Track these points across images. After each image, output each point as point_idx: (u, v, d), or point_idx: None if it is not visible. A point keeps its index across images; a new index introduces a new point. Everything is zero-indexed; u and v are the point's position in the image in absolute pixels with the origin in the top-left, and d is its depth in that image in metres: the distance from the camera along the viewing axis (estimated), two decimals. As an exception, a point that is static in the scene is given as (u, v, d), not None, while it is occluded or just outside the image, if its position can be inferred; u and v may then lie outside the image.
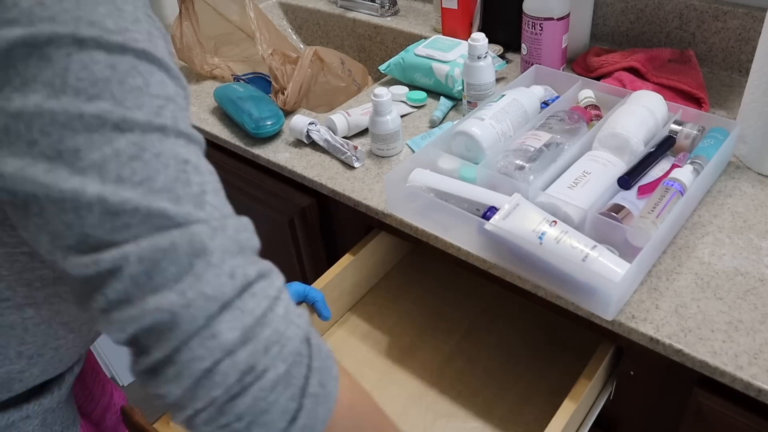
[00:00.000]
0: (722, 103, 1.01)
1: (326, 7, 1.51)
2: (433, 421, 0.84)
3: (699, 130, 0.86)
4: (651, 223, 0.72)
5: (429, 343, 0.94)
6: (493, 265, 0.78)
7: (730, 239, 0.77)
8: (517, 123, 0.91)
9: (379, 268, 1.03)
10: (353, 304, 1.00)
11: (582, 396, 0.72)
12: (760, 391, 0.61)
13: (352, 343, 0.95)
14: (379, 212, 0.89)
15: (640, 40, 1.16)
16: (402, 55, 1.15)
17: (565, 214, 0.76)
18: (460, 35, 1.23)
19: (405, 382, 0.89)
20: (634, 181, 0.80)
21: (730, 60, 1.08)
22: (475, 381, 0.88)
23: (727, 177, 0.87)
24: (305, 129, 1.01)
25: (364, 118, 1.03)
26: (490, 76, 0.99)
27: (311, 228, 1.06)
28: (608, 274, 0.68)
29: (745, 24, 1.03)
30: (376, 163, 0.98)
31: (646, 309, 0.70)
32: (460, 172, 0.86)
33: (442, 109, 1.07)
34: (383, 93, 0.93)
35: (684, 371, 0.69)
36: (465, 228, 0.79)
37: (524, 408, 0.84)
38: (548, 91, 1.02)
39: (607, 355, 0.77)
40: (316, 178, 0.96)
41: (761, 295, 0.70)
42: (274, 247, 1.20)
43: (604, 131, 0.85)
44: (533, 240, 0.71)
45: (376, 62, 1.45)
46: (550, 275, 0.72)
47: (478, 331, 0.96)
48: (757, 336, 0.65)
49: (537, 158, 0.83)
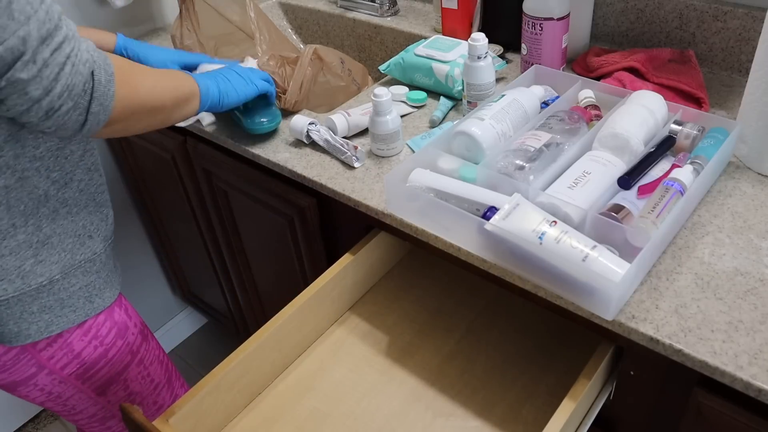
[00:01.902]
0: (722, 103, 1.01)
1: (326, 7, 1.51)
2: (432, 420, 0.84)
3: (699, 130, 0.86)
4: (651, 223, 0.72)
5: (429, 343, 0.94)
6: (493, 265, 0.78)
7: (730, 239, 0.77)
8: (517, 123, 0.91)
9: (378, 267, 1.03)
10: (353, 304, 1.00)
11: (581, 395, 0.72)
12: (760, 391, 0.61)
13: (351, 343, 0.95)
14: (379, 212, 0.89)
15: (640, 40, 1.16)
16: (402, 55, 1.15)
17: (565, 214, 0.76)
18: (460, 35, 1.23)
19: (404, 381, 0.89)
20: (634, 181, 0.80)
21: (730, 60, 1.08)
22: (474, 380, 0.88)
23: (727, 177, 0.87)
24: (305, 129, 1.01)
25: (364, 118, 1.03)
26: (490, 76, 0.99)
27: (311, 228, 1.06)
28: (608, 274, 0.68)
29: (745, 24, 1.03)
30: (376, 163, 0.98)
31: (646, 309, 0.70)
32: (460, 172, 0.86)
33: (442, 109, 1.07)
34: (383, 93, 0.93)
35: (684, 371, 0.69)
36: (465, 228, 0.79)
37: (523, 407, 0.84)
38: (548, 91, 1.02)
39: (607, 354, 0.77)
40: (316, 178, 0.96)
41: (761, 295, 0.70)
42: (274, 246, 1.20)
43: (604, 131, 0.85)
44: (533, 240, 0.71)
45: (376, 62, 1.45)
46: (550, 275, 0.72)
47: (478, 330, 0.96)
48: (757, 336, 0.65)
49: (537, 158, 0.83)
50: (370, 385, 0.89)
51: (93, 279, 0.84)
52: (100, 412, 0.95)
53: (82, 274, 0.83)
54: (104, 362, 0.90)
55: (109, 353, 0.90)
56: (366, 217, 0.94)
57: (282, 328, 0.86)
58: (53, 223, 0.78)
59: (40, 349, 0.83)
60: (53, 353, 0.84)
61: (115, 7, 1.38)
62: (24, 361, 0.83)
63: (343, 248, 1.07)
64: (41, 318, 0.80)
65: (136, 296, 1.81)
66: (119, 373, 0.93)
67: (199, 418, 0.80)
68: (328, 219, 1.06)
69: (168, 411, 0.76)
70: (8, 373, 0.84)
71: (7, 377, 0.85)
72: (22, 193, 0.74)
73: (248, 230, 1.26)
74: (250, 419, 0.86)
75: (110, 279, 0.89)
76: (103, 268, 0.87)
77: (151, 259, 1.82)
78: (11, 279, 0.76)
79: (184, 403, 0.77)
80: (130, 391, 0.96)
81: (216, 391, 0.80)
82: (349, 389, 0.89)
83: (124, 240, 1.72)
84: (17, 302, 0.78)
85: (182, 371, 1.91)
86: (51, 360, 0.85)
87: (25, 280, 0.77)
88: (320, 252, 1.10)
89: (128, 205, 1.69)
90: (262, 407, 0.88)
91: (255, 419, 0.86)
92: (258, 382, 0.88)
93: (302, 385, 0.90)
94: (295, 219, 1.08)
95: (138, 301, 1.82)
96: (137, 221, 1.74)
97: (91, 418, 0.96)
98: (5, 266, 0.75)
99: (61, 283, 0.80)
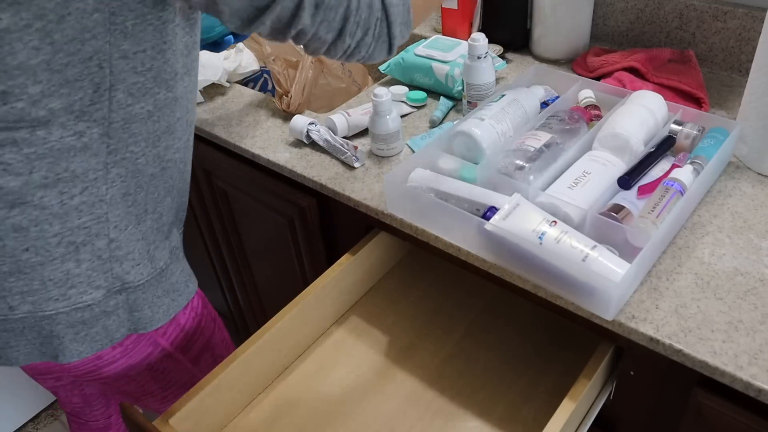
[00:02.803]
0: (722, 103, 1.01)
1: (326, 7, 1.51)
2: (431, 420, 0.84)
3: (699, 130, 0.86)
4: (651, 223, 0.72)
5: (428, 343, 0.94)
6: (493, 265, 0.78)
7: (730, 239, 0.77)
8: (517, 123, 0.91)
9: (378, 268, 1.03)
10: (353, 304, 1.00)
11: (581, 395, 0.72)
12: (760, 391, 0.61)
13: (351, 343, 0.95)
14: (379, 212, 0.89)
15: (640, 40, 1.16)
16: (402, 55, 1.15)
17: (565, 214, 0.76)
18: (460, 35, 1.23)
19: (404, 381, 0.89)
20: (634, 181, 0.80)
21: (730, 60, 1.08)
22: (474, 380, 0.88)
23: (727, 177, 0.87)
24: (305, 129, 1.01)
25: (364, 118, 1.03)
26: (490, 76, 0.99)
27: (311, 228, 1.06)
28: (608, 274, 0.68)
29: (745, 24, 1.03)
30: (376, 163, 0.98)
31: (646, 309, 0.70)
32: (460, 172, 0.86)
33: (442, 109, 1.07)
34: (383, 93, 0.93)
35: (684, 371, 0.69)
36: (465, 228, 0.79)
37: (523, 407, 0.84)
38: (548, 91, 1.02)
39: (607, 354, 0.77)
40: (316, 178, 0.96)
41: (761, 295, 0.70)
42: (274, 247, 1.20)
43: (604, 131, 0.85)
44: (533, 240, 0.71)
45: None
46: (550, 275, 0.72)
47: (478, 330, 0.96)
48: (757, 336, 0.65)
49: (537, 158, 0.83)
50: (370, 385, 0.89)
51: (184, 264, 0.87)
52: (189, 381, 0.96)
53: (178, 260, 0.85)
54: (199, 331, 0.92)
55: (202, 322, 0.92)
56: (366, 217, 0.94)
57: (282, 328, 0.87)
58: (169, 210, 0.81)
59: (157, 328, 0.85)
60: (165, 329, 0.86)
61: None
62: (143, 343, 0.85)
63: (343, 248, 1.07)
64: (164, 302, 0.82)
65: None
66: (209, 339, 0.94)
67: (199, 418, 0.80)
68: (328, 219, 1.06)
69: (168, 411, 0.76)
70: (127, 357, 0.85)
71: (126, 361, 0.85)
72: (160, 182, 0.76)
73: (248, 230, 1.26)
74: (250, 419, 0.86)
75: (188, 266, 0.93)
76: (184, 258, 0.90)
77: (151, 259, 1.82)
78: (145, 263, 0.78)
79: (184, 403, 0.77)
80: (216, 355, 0.97)
81: (216, 391, 0.81)
82: (349, 389, 0.89)
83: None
84: (150, 286, 0.79)
85: (182, 371, 1.92)
86: (164, 336, 0.86)
87: (153, 264, 0.79)
88: (320, 252, 1.10)
89: (128, 205, 1.69)
90: (262, 407, 0.88)
91: (255, 419, 0.86)
92: (258, 382, 0.88)
93: (302, 385, 0.90)
94: (295, 219, 1.08)
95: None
96: (137, 221, 1.73)
97: (180, 389, 0.96)
98: (140, 250, 0.77)
99: (171, 267, 0.82)
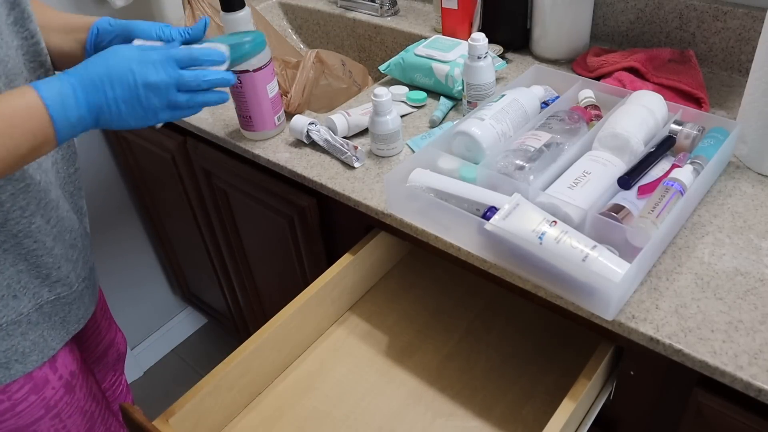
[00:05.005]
0: (722, 103, 1.01)
1: (326, 7, 1.51)
2: (432, 420, 0.84)
3: (699, 130, 0.86)
4: (651, 223, 0.72)
5: (428, 343, 0.94)
6: (493, 265, 0.78)
7: (730, 239, 0.77)
8: (517, 123, 0.91)
9: (378, 267, 1.03)
10: (353, 304, 1.00)
11: (581, 395, 0.72)
12: (760, 391, 0.61)
13: (351, 343, 0.95)
14: (379, 212, 0.89)
15: (640, 40, 1.16)
16: (402, 55, 1.15)
17: (565, 214, 0.76)
18: (460, 35, 1.23)
19: (404, 381, 0.89)
20: (634, 181, 0.80)
21: (730, 60, 1.08)
22: (474, 380, 0.88)
23: (727, 177, 0.87)
24: (305, 129, 1.01)
25: (364, 118, 1.03)
26: (490, 76, 0.99)
27: (311, 228, 1.06)
28: (608, 274, 0.68)
29: (745, 24, 1.03)
30: (376, 163, 0.98)
31: (646, 309, 0.70)
32: (460, 172, 0.86)
33: (442, 109, 1.07)
34: (383, 93, 0.93)
35: (684, 371, 0.69)
36: (465, 228, 0.79)
37: (523, 407, 0.84)
38: (548, 91, 1.02)
39: (607, 354, 0.77)
40: (316, 178, 0.96)
41: (761, 295, 0.70)
42: (275, 247, 1.20)
43: (604, 131, 0.85)
44: (533, 240, 0.71)
45: (376, 62, 1.45)
46: (550, 275, 0.72)
47: (478, 330, 0.96)
48: (757, 336, 0.65)
49: (537, 158, 0.83)
50: (370, 385, 0.89)
51: (15, 342, 0.75)
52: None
53: (1, 338, 0.73)
54: (10, 414, 0.80)
55: (17, 408, 0.80)
56: (366, 217, 0.94)
57: (282, 328, 0.87)
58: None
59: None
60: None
61: (116, 7, 1.38)
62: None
63: (343, 248, 1.07)
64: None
65: (136, 296, 1.81)
66: (27, 425, 0.83)
67: (199, 418, 0.80)
68: (328, 219, 1.06)
69: (168, 411, 0.76)
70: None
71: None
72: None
73: (248, 230, 1.26)
74: (250, 419, 0.86)
75: (42, 340, 0.79)
76: (33, 329, 0.77)
77: (151, 259, 1.82)
78: None
79: (184, 403, 0.77)
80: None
81: (216, 391, 0.81)
82: (349, 389, 0.89)
83: (124, 240, 1.72)
84: None
85: (182, 371, 1.93)
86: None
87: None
88: (320, 252, 1.10)
89: (128, 205, 1.69)
90: (262, 407, 0.88)
91: (255, 419, 0.86)
92: (258, 382, 0.88)
93: (302, 385, 0.90)
94: (295, 219, 1.08)
95: (138, 301, 1.82)
96: (137, 221, 1.74)
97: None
98: None
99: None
